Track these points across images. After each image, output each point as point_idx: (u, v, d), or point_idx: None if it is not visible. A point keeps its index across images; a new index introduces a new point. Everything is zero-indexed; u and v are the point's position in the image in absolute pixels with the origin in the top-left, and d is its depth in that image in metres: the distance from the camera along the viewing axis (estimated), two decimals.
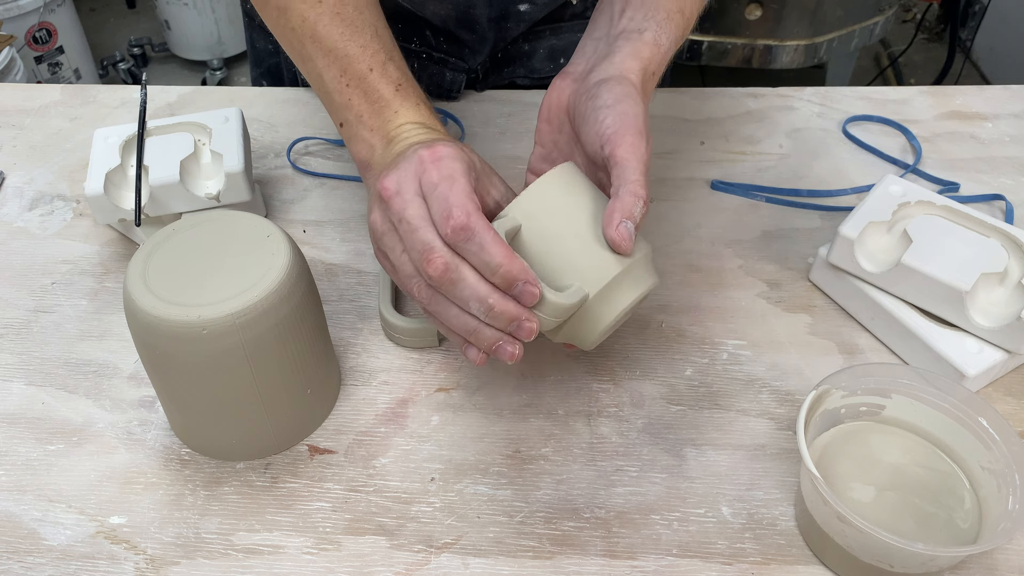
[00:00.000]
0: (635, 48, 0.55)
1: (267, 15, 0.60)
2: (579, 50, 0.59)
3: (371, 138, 0.56)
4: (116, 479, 0.55)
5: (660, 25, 0.56)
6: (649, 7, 0.57)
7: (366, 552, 0.52)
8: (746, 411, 0.59)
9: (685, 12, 0.58)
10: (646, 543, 0.52)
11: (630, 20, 0.56)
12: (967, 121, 0.85)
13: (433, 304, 0.49)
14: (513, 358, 0.48)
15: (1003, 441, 0.49)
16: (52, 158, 0.81)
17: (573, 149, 0.56)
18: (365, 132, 0.56)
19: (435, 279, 0.47)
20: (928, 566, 0.48)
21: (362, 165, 0.57)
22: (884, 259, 0.62)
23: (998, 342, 0.59)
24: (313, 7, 0.57)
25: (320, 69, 0.58)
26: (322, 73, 0.58)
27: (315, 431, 0.58)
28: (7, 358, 0.63)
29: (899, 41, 2.53)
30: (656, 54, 0.55)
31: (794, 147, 0.82)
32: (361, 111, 0.57)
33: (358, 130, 0.57)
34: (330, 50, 0.57)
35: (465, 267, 0.47)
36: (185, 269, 0.51)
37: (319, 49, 0.57)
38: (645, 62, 0.55)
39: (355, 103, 0.57)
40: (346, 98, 0.57)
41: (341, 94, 0.57)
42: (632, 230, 0.48)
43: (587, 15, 0.83)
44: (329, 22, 0.57)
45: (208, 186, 0.69)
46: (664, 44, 0.56)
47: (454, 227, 0.46)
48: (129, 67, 2.60)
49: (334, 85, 0.57)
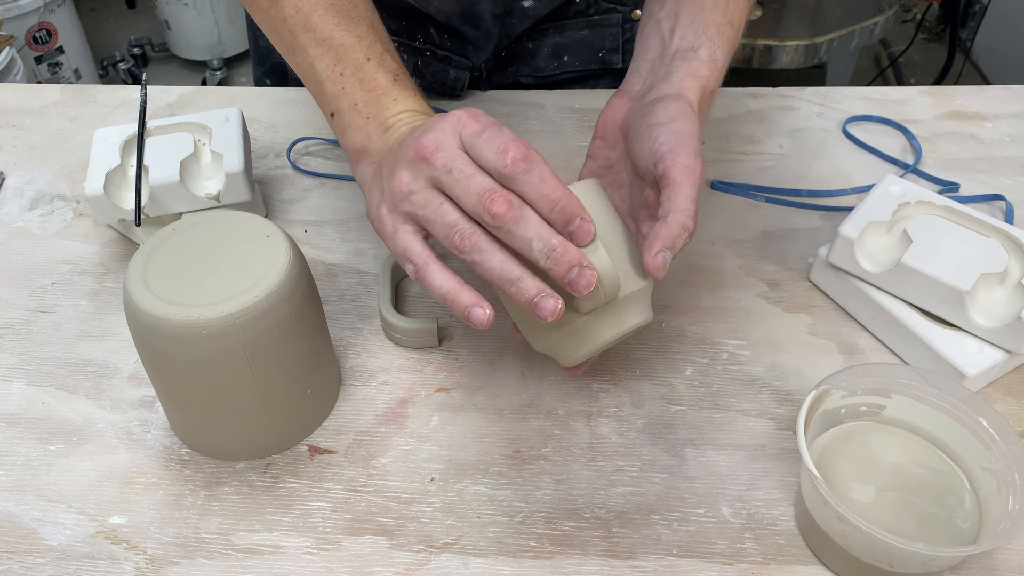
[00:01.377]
0: (692, 67, 0.55)
1: (256, 5, 0.60)
2: (633, 70, 0.59)
3: (366, 126, 0.55)
4: (116, 479, 0.55)
5: (713, 41, 0.56)
6: (699, 24, 0.56)
7: (366, 552, 0.52)
8: (746, 411, 0.59)
9: (734, 24, 0.58)
10: (646, 543, 0.52)
11: (682, 39, 0.56)
12: (967, 121, 0.85)
13: (477, 251, 0.48)
14: (555, 313, 0.46)
15: (1003, 441, 0.49)
16: (52, 158, 0.81)
17: (623, 167, 0.57)
18: (360, 120, 0.56)
19: (499, 216, 0.46)
20: (928, 566, 0.48)
21: (356, 152, 0.56)
22: (884, 259, 0.62)
23: (998, 342, 0.59)
24: None
25: (312, 59, 0.57)
26: (314, 63, 0.57)
27: (315, 431, 0.58)
28: (7, 358, 0.63)
29: (899, 41, 2.53)
30: (713, 71, 0.55)
31: (794, 147, 0.82)
32: (356, 99, 0.56)
33: (352, 118, 0.56)
34: (324, 39, 0.57)
35: (526, 206, 0.46)
36: (185, 269, 0.51)
37: (312, 39, 0.57)
38: (703, 80, 0.55)
39: (350, 91, 0.56)
40: (339, 87, 0.56)
41: (334, 83, 0.57)
42: (669, 261, 0.48)
43: (590, 13, 0.83)
44: (324, 12, 0.57)
45: (208, 186, 0.69)
46: (720, 59, 0.56)
47: (514, 158, 0.46)
48: (129, 67, 2.60)
49: (327, 74, 0.57)
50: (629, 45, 0.86)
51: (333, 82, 0.57)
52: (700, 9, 0.57)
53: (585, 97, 0.86)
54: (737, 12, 0.58)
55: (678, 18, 0.57)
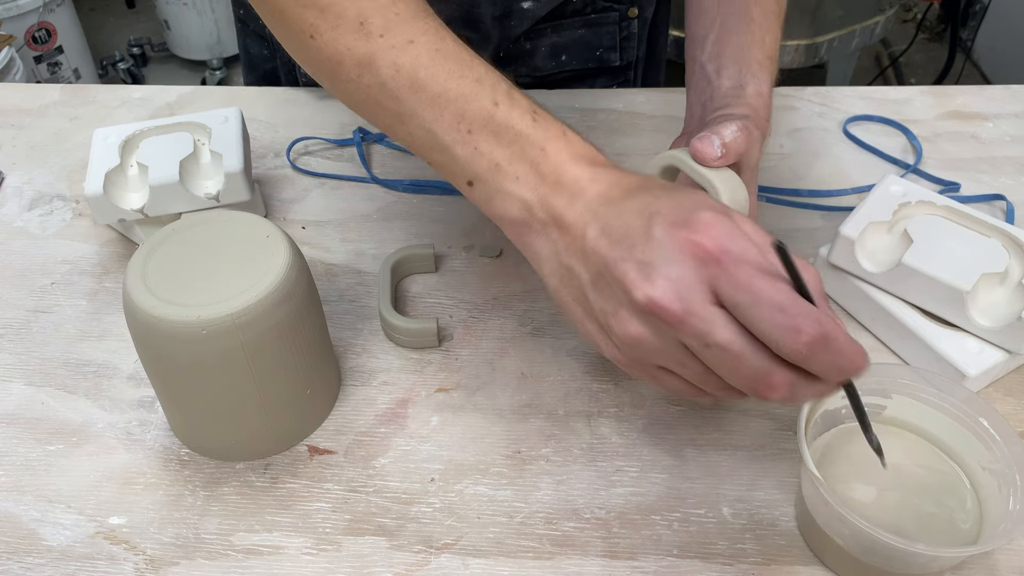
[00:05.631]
0: (743, 103, 0.56)
1: (341, 77, 0.49)
2: (688, 116, 0.61)
3: (520, 191, 0.45)
4: (115, 479, 0.55)
5: (757, 76, 0.58)
6: (742, 63, 0.58)
7: (366, 552, 0.51)
8: (746, 411, 0.59)
9: (772, 58, 0.60)
10: (646, 543, 0.52)
11: (729, 79, 0.58)
12: (967, 121, 0.85)
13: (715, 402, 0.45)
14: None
15: (1003, 441, 0.49)
16: (52, 158, 0.81)
17: None
18: (509, 184, 0.45)
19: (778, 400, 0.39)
20: (929, 567, 0.48)
21: (515, 224, 0.46)
22: (884, 259, 0.62)
23: (998, 342, 0.58)
24: (405, 50, 0.46)
25: (429, 123, 0.47)
26: (433, 128, 0.47)
27: (315, 431, 0.58)
28: (7, 358, 0.63)
29: (899, 41, 2.53)
30: (760, 103, 0.57)
31: (794, 147, 0.82)
32: (496, 159, 0.46)
33: (499, 184, 0.46)
34: (438, 95, 0.46)
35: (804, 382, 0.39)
36: (185, 269, 0.51)
37: (423, 99, 0.46)
38: (753, 110, 0.56)
39: (486, 151, 0.46)
40: (471, 148, 0.46)
41: (464, 145, 0.46)
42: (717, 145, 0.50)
43: (587, 12, 0.83)
44: (430, 63, 0.46)
45: (208, 186, 0.69)
46: (765, 92, 0.57)
47: (809, 343, 0.36)
48: (129, 67, 2.60)
49: (452, 137, 0.46)
50: (626, 43, 0.86)
51: (461, 144, 0.46)
52: (739, 49, 0.59)
53: (585, 97, 0.86)
54: (773, 46, 0.60)
55: (721, 60, 0.59)
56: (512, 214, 0.46)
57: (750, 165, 0.54)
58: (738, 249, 0.38)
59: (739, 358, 0.38)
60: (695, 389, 0.43)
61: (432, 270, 0.69)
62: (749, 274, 0.37)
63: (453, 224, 0.73)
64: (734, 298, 0.38)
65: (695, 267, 0.38)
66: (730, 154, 0.51)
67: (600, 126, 0.83)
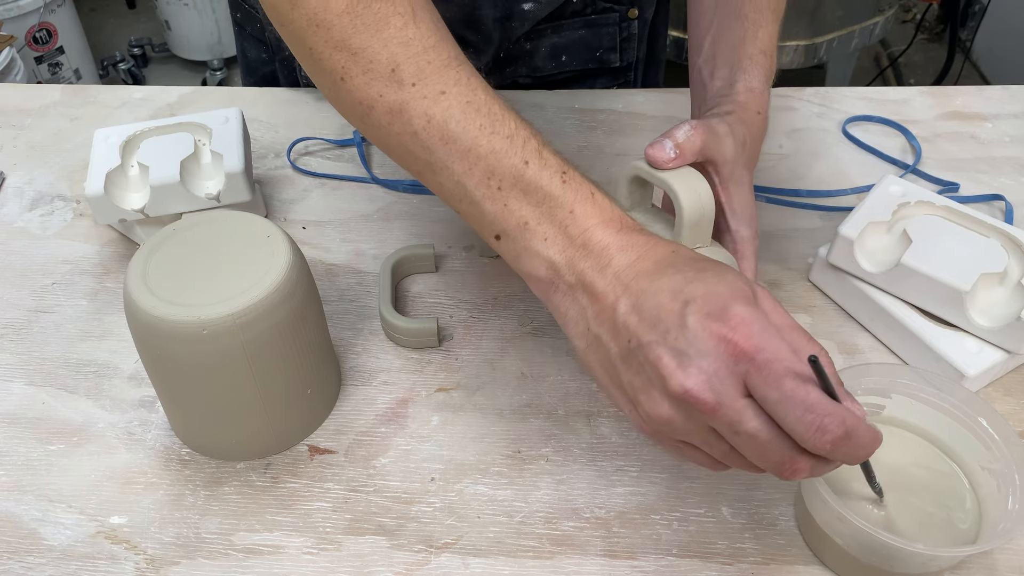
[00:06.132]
0: (732, 100, 0.57)
1: (371, 122, 0.49)
2: (691, 116, 0.62)
3: (547, 251, 0.46)
4: (116, 479, 0.55)
5: (747, 72, 0.58)
6: (733, 61, 0.59)
7: (366, 552, 0.52)
8: None
9: (766, 52, 0.60)
10: (646, 543, 0.52)
11: (720, 79, 0.59)
12: (967, 121, 0.85)
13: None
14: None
15: (1003, 441, 0.49)
16: (52, 158, 0.81)
17: None
18: (537, 244, 0.46)
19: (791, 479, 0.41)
20: (928, 566, 0.48)
21: (543, 283, 0.47)
22: (884, 259, 0.62)
23: (998, 342, 0.59)
24: (437, 101, 0.46)
25: (459, 176, 0.47)
26: (463, 181, 0.47)
27: (315, 431, 0.58)
28: (7, 358, 0.63)
29: (899, 41, 2.53)
30: (750, 98, 0.57)
31: (794, 147, 0.82)
32: (525, 217, 0.46)
33: (527, 242, 0.46)
34: (469, 150, 0.46)
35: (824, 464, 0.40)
36: (185, 269, 0.51)
37: (454, 151, 0.46)
38: (740, 106, 0.57)
39: (515, 208, 0.46)
40: (500, 205, 0.46)
41: (494, 201, 0.46)
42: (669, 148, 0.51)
43: (587, 12, 0.83)
44: (462, 116, 0.46)
45: (208, 186, 0.69)
46: (756, 87, 0.58)
47: (834, 441, 0.38)
48: (129, 67, 2.59)
49: (482, 192, 0.46)
50: (626, 44, 0.86)
51: (492, 200, 0.46)
52: (731, 48, 0.59)
53: (585, 97, 0.86)
54: (766, 40, 0.60)
55: (715, 61, 0.60)
56: (539, 273, 0.46)
57: (725, 158, 0.54)
58: (771, 348, 0.39)
59: (766, 445, 0.39)
60: (717, 464, 0.44)
61: (432, 270, 0.69)
62: (779, 373, 0.38)
63: (453, 224, 0.73)
64: (764, 394, 0.39)
65: (729, 362, 0.39)
66: (685, 154, 0.51)
67: (600, 126, 0.83)
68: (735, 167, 0.54)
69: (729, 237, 0.55)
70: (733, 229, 0.54)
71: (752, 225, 0.55)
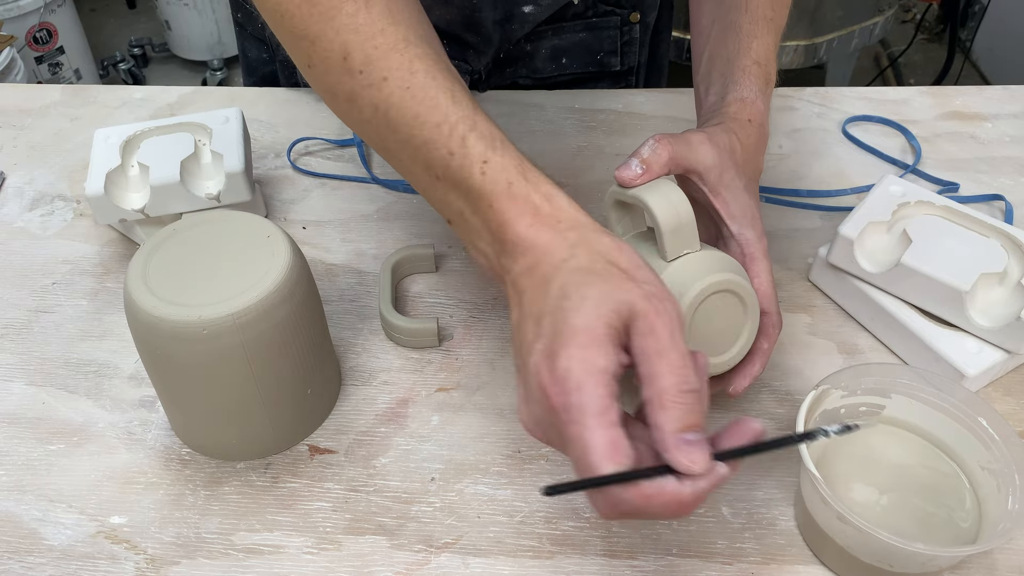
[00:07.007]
0: (718, 114, 0.57)
1: (337, 109, 0.51)
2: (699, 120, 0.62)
3: (480, 243, 0.47)
4: (116, 479, 0.55)
5: (739, 83, 0.58)
6: (727, 75, 0.59)
7: (366, 552, 0.52)
8: (746, 411, 0.59)
9: (760, 63, 0.59)
10: (646, 543, 0.52)
11: (714, 94, 0.59)
12: (967, 121, 0.85)
13: None
14: None
15: (1003, 441, 0.49)
16: (52, 158, 0.81)
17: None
18: (473, 235, 0.47)
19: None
20: (928, 566, 0.48)
21: (487, 273, 0.49)
22: (884, 259, 0.62)
23: (998, 342, 0.59)
24: (380, 89, 0.47)
25: (408, 164, 0.48)
26: (412, 168, 0.48)
27: (315, 431, 0.58)
28: (7, 358, 0.63)
29: (899, 41, 2.53)
30: (740, 108, 0.57)
31: (794, 147, 0.82)
32: (460, 208, 0.47)
33: (466, 233, 0.48)
34: (407, 140, 0.47)
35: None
36: (185, 269, 0.51)
37: (398, 141, 0.47)
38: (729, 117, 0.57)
39: (452, 199, 0.47)
40: (442, 194, 0.47)
41: (435, 190, 0.48)
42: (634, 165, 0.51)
43: (588, 15, 0.83)
44: (400, 103, 0.46)
45: (208, 186, 0.69)
46: (747, 96, 0.57)
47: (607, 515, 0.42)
48: (129, 67, 2.59)
49: (427, 182, 0.48)
50: (627, 48, 0.86)
51: (434, 190, 0.48)
52: (725, 62, 0.60)
53: (585, 97, 0.86)
54: (761, 51, 0.60)
55: (711, 77, 0.60)
56: (481, 262, 0.48)
57: (705, 166, 0.53)
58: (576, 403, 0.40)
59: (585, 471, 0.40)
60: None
61: (432, 270, 0.69)
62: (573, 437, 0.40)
63: None
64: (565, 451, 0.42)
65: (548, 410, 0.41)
66: (652, 168, 0.51)
67: (600, 126, 0.83)
68: (723, 173, 0.54)
69: (735, 242, 0.55)
70: (736, 233, 0.54)
71: (756, 226, 0.54)
